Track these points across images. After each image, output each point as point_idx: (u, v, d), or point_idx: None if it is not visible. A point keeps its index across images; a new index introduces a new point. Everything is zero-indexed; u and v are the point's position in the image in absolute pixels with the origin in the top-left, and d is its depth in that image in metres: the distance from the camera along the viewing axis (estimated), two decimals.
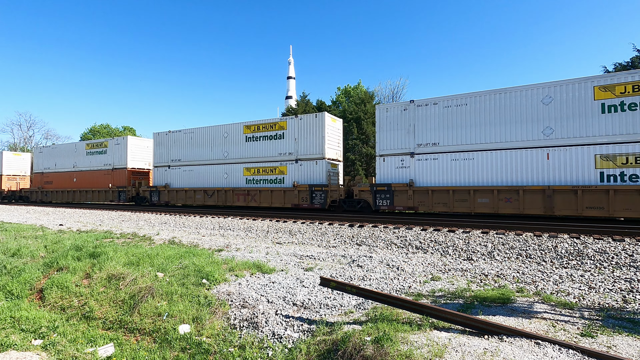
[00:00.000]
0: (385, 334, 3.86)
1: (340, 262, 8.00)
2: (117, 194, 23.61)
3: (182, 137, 20.95)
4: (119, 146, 24.28)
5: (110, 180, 24.17)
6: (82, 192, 26.01)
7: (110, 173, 24.36)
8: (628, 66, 21.02)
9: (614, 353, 3.46)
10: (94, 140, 26.53)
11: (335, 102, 34.33)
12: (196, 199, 19.85)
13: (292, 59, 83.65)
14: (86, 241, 10.22)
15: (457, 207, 12.84)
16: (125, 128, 51.93)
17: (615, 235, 8.80)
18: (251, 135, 18.49)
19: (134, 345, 5.42)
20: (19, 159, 34.15)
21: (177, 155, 21.11)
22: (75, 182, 26.60)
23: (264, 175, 17.85)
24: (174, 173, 21.08)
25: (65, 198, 27.14)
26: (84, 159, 26.50)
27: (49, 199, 28.56)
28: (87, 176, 25.96)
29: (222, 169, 19.21)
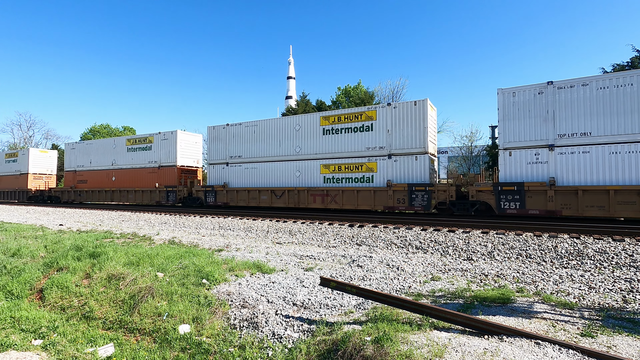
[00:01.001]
0: (385, 334, 3.86)
1: (340, 262, 8.00)
2: (165, 195, 21.24)
3: (243, 131, 18.63)
4: (166, 142, 21.89)
5: (157, 179, 21.81)
6: (122, 192, 23.56)
7: (157, 171, 21.97)
8: (627, 67, 21.02)
9: (614, 353, 3.46)
10: (137, 135, 23.87)
11: (335, 102, 34.32)
12: (261, 200, 17.57)
13: (292, 59, 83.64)
14: (86, 241, 10.22)
15: (620, 211, 10.58)
16: (125, 128, 51.89)
17: (615, 235, 8.80)
18: (330, 127, 16.01)
19: (134, 345, 5.41)
20: (45, 157, 32.17)
21: (237, 151, 18.80)
22: (114, 181, 24.14)
23: (347, 173, 15.46)
24: (233, 171, 18.85)
25: (102, 198, 24.88)
26: (124, 156, 23.91)
27: (82, 199, 26.26)
28: (129, 175, 23.50)
29: (293, 166, 16.93)
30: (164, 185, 21.43)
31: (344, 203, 15.35)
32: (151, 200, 22.08)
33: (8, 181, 32.62)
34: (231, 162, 19.09)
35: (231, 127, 19.17)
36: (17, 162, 31.66)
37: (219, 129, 19.71)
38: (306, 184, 16.60)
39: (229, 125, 19.24)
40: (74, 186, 26.84)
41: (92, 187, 25.63)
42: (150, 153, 22.69)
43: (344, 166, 15.67)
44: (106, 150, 25.30)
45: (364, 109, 15.49)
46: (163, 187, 21.43)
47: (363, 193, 14.99)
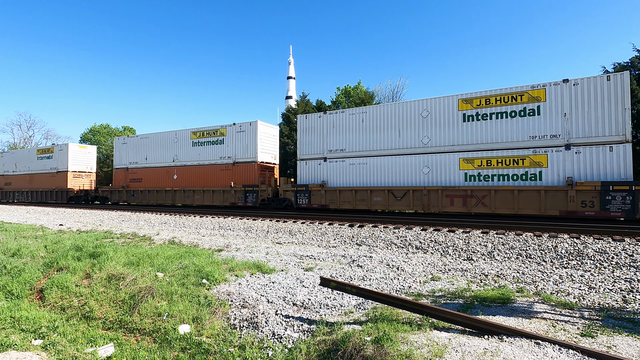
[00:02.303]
0: (385, 334, 3.86)
1: (340, 262, 8.00)
2: (242, 195, 18.50)
3: (347, 120, 15.66)
4: (243, 134, 19.06)
5: (231, 178, 19.10)
6: (186, 192, 20.68)
7: (231, 168, 19.22)
8: (627, 66, 21.02)
9: (614, 353, 3.46)
10: (205, 127, 20.68)
11: (335, 102, 34.32)
12: (373, 202, 14.66)
13: (292, 59, 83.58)
14: (86, 241, 10.22)
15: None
16: (125, 128, 51.84)
17: (615, 235, 8.80)
18: (474, 112, 13.03)
19: (134, 345, 5.42)
20: (84, 153, 28.82)
21: (338, 144, 15.86)
22: (176, 179, 21.25)
23: (500, 168, 12.51)
24: (333, 167, 15.91)
25: (161, 199, 21.85)
26: (189, 151, 21.03)
27: (137, 200, 23.10)
28: (195, 172, 20.57)
29: (419, 160, 13.96)
30: (242, 185, 18.56)
31: (497, 206, 12.33)
32: (224, 201, 19.27)
33: (42, 180, 29.36)
34: (331, 157, 16.09)
35: (330, 115, 16.18)
36: (53, 159, 28.42)
37: (313, 118, 16.71)
38: (438, 182, 13.53)
39: (327, 113, 16.30)
40: (126, 185, 23.60)
41: (149, 187, 22.49)
42: (222, 147, 19.76)
43: (495, 160, 12.56)
44: (166, 144, 22.04)
45: (525, 87, 12.36)
46: (240, 187, 18.54)
47: (527, 194, 11.95)
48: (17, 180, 31.73)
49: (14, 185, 31.79)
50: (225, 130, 19.85)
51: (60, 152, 28.20)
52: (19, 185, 31.34)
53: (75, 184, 27.42)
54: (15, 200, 31.25)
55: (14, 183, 31.86)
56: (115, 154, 24.73)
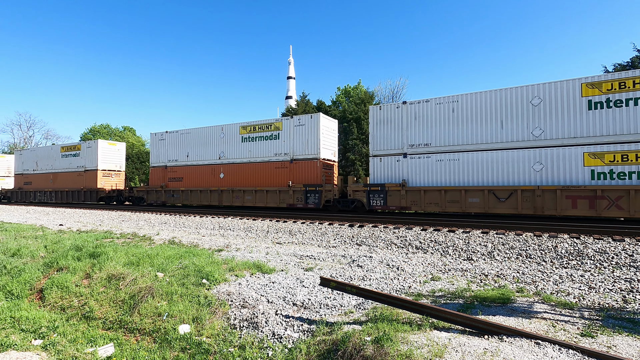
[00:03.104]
0: (385, 334, 3.86)
1: (340, 262, 8.00)
2: (302, 195, 16.63)
3: (433, 110, 13.80)
4: (302, 128, 17.20)
5: (289, 176, 17.36)
6: (235, 193, 18.90)
7: (288, 166, 17.47)
8: (628, 66, 21.01)
9: (614, 353, 3.46)
10: (257, 121, 18.75)
11: (335, 102, 34.32)
12: (468, 203, 12.79)
13: (292, 59, 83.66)
14: (86, 241, 10.22)
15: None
16: (125, 128, 51.91)
17: (615, 235, 8.80)
18: (602, 98, 11.17)
19: (134, 345, 5.42)
20: (113, 150, 26.92)
21: (422, 137, 13.99)
22: (223, 178, 19.52)
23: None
24: (415, 164, 14.04)
25: (205, 200, 20.05)
26: (237, 147, 19.22)
27: (177, 201, 21.20)
28: (245, 171, 18.88)
29: (528, 155, 12.16)
30: (302, 184, 16.64)
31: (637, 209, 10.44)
32: (279, 203, 17.35)
33: (67, 179, 27.40)
34: (412, 153, 14.15)
35: (412, 105, 14.26)
36: (80, 157, 26.56)
37: (390, 109, 14.71)
38: (555, 182, 11.73)
39: (408, 103, 14.32)
40: (165, 185, 21.64)
41: (191, 187, 20.58)
42: (277, 143, 17.89)
43: (635, 155, 10.66)
44: (211, 140, 20.19)
45: None
46: (300, 186, 16.59)
47: None
48: (38, 179, 29.84)
49: (35, 184, 29.93)
50: (280, 124, 17.84)
51: (89, 149, 26.24)
52: (40, 185, 29.46)
53: (104, 183, 25.67)
54: (36, 200, 29.47)
55: (35, 182, 29.99)
56: (152, 151, 22.67)
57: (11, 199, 32.01)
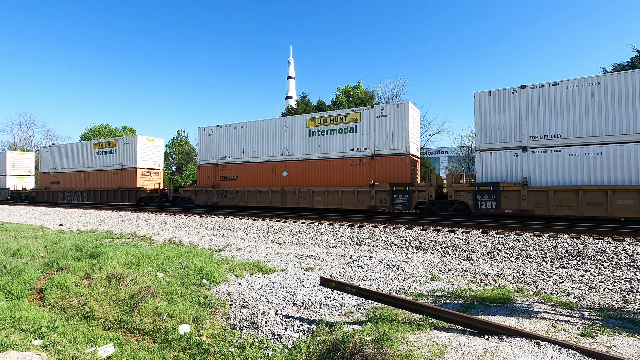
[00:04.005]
0: (385, 334, 3.86)
1: (340, 262, 8.00)
2: (387, 196, 14.32)
3: (564, 95, 11.69)
4: (386, 120, 14.90)
5: (369, 174, 15.10)
6: (302, 193, 16.58)
7: (368, 162, 15.17)
8: (627, 67, 21.02)
9: (614, 353, 3.46)
10: (329, 113, 16.65)
11: (335, 102, 34.34)
12: (616, 206, 10.70)
13: (292, 59, 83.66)
14: (86, 241, 10.22)
15: None
16: (125, 128, 51.88)
17: (615, 235, 8.80)
18: None
19: (134, 345, 5.42)
20: (152, 146, 24.69)
21: (548, 128, 11.92)
22: (287, 177, 17.33)
23: None
24: (539, 160, 12.01)
25: (265, 200, 17.72)
26: (304, 142, 16.96)
27: (231, 201, 18.86)
28: (314, 168, 16.60)
29: None
30: (388, 183, 14.55)
31: None
32: (358, 204, 15.09)
33: (101, 178, 25.38)
34: (535, 146, 12.13)
35: (533, 90, 12.22)
36: (117, 154, 24.55)
37: (503, 94, 12.65)
38: None
39: (528, 87, 12.30)
40: (216, 184, 19.67)
41: (247, 186, 18.59)
42: (354, 137, 15.69)
43: None
44: (271, 134, 18.05)
45: None
46: (385, 186, 14.48)
47: None
48: (67, 178, 27.73)
49: (64, 184, 27.85)
50: (358, 115, 15.61)
51: (126, 145, 24.09)
52: (70, 184, 27.38)
53: (144, 182, 23.61)
54: (65, 200, 27.52)
55: (64, 181, 27.91)
56: (201, 148, 20.63)
57: (36, 198, 30.11)
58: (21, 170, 33.92)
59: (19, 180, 33.27)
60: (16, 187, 32.32)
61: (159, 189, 23.33)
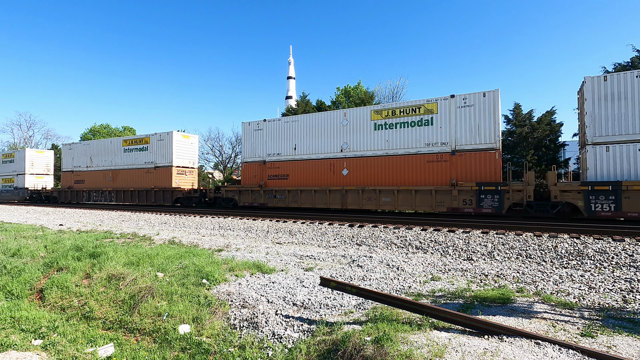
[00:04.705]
0: (385, 334, 3.86)
1: (340, 262, 8.00)
2: (473, 197, 12.75)
3: None
4: (469, 110, 13.23)
5: (449, 172, 13.43)
6: (366, 193, 14.95)
7: (448, 159, 13.50)
8: (628, 67, 21.03)
9: (614, 353, 3.46)
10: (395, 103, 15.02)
11: (335, 102, 34.35)
12: None
13: (292, 59, 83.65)
14: (86, 241, 10.22)
15: None
16: (125, 128, 51.90)
17: (615, 235, 8.81)
18: None
19: (134, 345, 5.42)
20: (187, 143, 22.95)
21: None
22: (347, 175, 15.66)
23: None
24: None
25: (321, 201, 16.15)
26: (367, 137, 15.28)
27: (282, 202, 17.25)
28: (379, 165, 14.91)
29: None
30: (475, 182, 12.84)
31: None
32: (436, 206, 13.40)
33: (132, 177, 23.64)
34: None
35: None
36: (149, 151, 22.84)
37: (623, 79, 11.04)
38: None
39: None
40: (263, 184, 17.91)
41: (300, 185, 16.84)
42: (429, 130, 13.99)
43: None
44: (327, 129, 16.41)
45: None
46: (470, 185, 12.82)
47: None
48: (93, 177, 25.93)
49: (89, 183, 26.09)
50: (435, 105, 13.85)
51: (160, 142, 22.34)
52: (96, 184, 25.66)
53: (179, 182, 21.94)
54: (91, 201, 25.84)
55: (89, 181, 26.13)
56: (245, 144, 19.13)
57: (58, 199, 28.35)
58: (40, 169, 32.24)
59: (38, 180, 31.66)
60: (36, 187, 30.72)
61: (198, 189, 21.44)
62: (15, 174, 31.96)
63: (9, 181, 32.56)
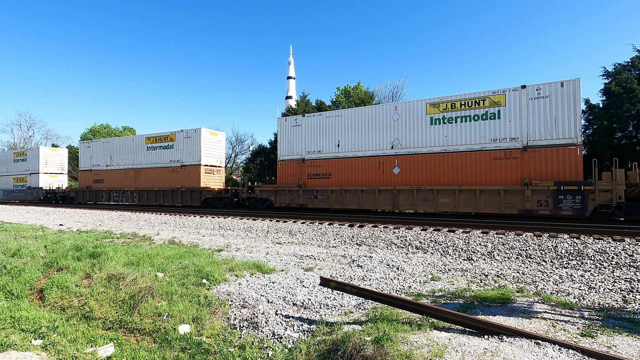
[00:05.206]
0: (385, 334, 3.86)
1: (340, 262, 8.00)
2: (549, 197, 11.63)
3: None
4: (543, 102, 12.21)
5: (520, 170, 12.30)
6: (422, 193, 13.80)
7: (519, 156, 12.39)
8: (628, 66, 21.01)
9: (614, 353, 3.46)
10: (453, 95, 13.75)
11: (335, 102, 34.33)
12: None
13: (292, 59, 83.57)
14: (86, 241, 10.22)
15: None
16: (125, 128, 51.89)
17: (615, 235, 8.80)
18: None
19: (134, 345, 5.42)
20: (215, 141, 21.73)
21: None
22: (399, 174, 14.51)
23: None
24: None
25: (368, 202, 15.04)
26: (422, 132, 14.19)
27: (328, 203, 16.03)
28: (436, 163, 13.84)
29: None
30: (552, 181, 11.70)
31: None
32: (504, 207, 12.31)
33: (156, 176, 22.40)
34: None
35: None
36: (174, 149, 21.76)
37: None
38: None
39: None
40: (303, 183, 16.74)
41: (344, 185, 15.81)
42: (495, 124, 12.82)
43: None
44: (376, 124, 15.22)
45: None
46: (547, 184, 11.66)
47: None
48: (113, 176, 24.73)
49: (109, 183, 24.94)
50: (502, 97, 12.81)
51: (187, 139, 21.17)
52: (117, 183, 24.45)
53: (207, 181, 20.89)
54: (111, 201, 24.68)
55: (109, 180, 24.96)
56: (282, 141, 17.97)
57: (75, 199, 27.13)
58: (54, 168, 30.89)
59: (53, 179, 30.37)
60: (51, 187, 29.44)
61: (229, 189, 20.12)
62: (28, 173, 30.60)
63: (21, 180, 31.17)
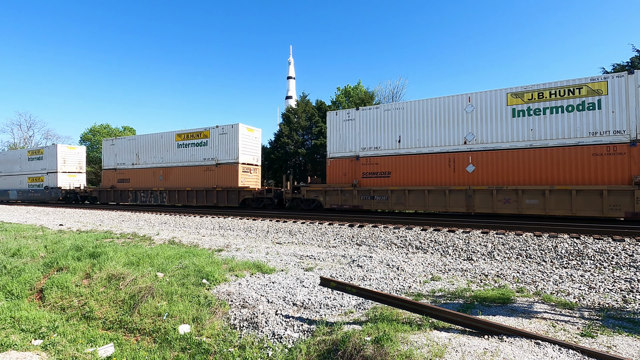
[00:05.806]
0: (385, 334, 3.86)
1: (340, 262, 8.00)
2: None
3: None
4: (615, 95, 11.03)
5: (628, 168, 10.91)
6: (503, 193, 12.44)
7: (625, 151, 10.95)
8: (627, 67, 21.03)
9: (614, 353, 3.46)
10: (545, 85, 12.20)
11: (335, 102, 34.34)
12: None
13: (292, 59, 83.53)
14: (86, 241, 10.22)
15: None
16: (125, 128, 51.92)
17: (615, 235, 8.80)
18: None
19: (134, 345, 5.42)
20: (251, 138, 20.43)
21: None
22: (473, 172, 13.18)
23: None
24: None
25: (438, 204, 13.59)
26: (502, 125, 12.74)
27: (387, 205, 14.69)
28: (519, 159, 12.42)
29: None
30: None
31: None
32: (607, 210, 10.92)
33: (188, 176, 21.12)
34: None
35: None
36: (209, 147, 20.43)
37: None
38: None
39: None
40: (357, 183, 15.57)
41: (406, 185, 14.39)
42: (592, 116, 11.41)
43: None
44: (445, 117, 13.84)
45: None
46: None
47: None
48: (140, 175, 23.34)
49: (135, 182, 23.57)
50: (603, 85, 11.25)
51: (222, 136, 19.83)
52: (144, 183, 23.06)
53: (245, 180, 19.52)
54: (138, 202, 23.27)
55: (135, 180, 23.60)
56: (332, 137, 16.49)
57: (98, 199, 25.94)
58: (72, 167, 29.48)
59: (71, 178, 29.09)
60: (72, 186, 28.29)
61: (271, 189, 18.88)
62: (44, 172, 29.18)
63: (37, 180, 29.66)
